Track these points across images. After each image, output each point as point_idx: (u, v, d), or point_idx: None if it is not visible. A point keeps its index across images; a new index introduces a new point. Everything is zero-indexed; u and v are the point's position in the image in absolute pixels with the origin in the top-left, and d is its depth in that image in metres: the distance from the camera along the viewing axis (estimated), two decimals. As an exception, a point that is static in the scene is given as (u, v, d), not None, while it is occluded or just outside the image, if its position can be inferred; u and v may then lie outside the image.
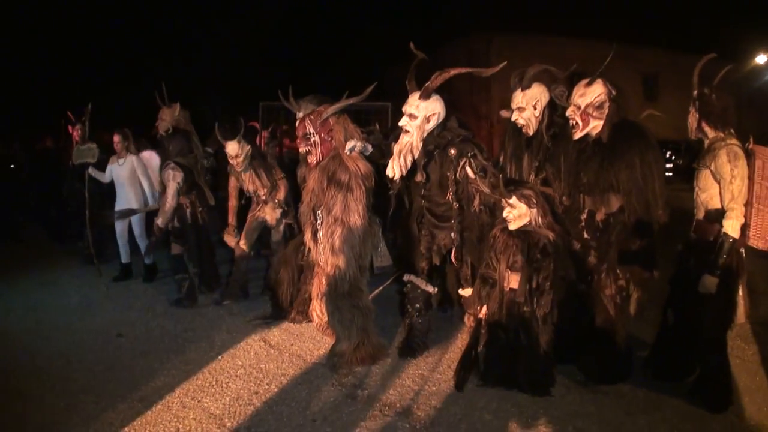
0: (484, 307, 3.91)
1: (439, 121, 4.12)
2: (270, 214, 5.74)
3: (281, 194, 5.75)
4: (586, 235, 3.94)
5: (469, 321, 4.66)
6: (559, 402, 3.73)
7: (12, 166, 8.47)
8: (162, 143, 5.94)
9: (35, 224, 9.56)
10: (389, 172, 4.10)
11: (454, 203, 4.17)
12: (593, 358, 4.01)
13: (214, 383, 4.03)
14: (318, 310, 4.75)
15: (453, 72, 3.99)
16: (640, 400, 3.77)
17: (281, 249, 5.82)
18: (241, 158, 5.53)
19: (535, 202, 3.72)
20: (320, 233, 4.33)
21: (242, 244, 5.77)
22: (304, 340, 4.83)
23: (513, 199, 3.73)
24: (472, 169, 4.07)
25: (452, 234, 4.25)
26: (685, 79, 3.74)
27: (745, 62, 11.52)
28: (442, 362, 4.37)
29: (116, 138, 6.58)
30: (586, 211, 3.94)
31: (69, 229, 8.13)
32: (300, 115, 4.98)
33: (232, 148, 5.50)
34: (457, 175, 4.10)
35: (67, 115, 7.29)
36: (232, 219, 5.92)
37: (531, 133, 4.32)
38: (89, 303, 5.97)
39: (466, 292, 4.48)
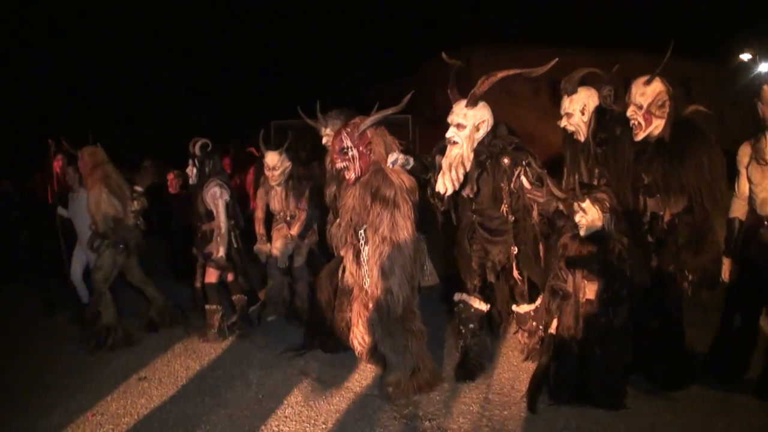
0: (554, 321, 3.64)
1: (488, 129, 3.87)
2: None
3: (296, 228, 5.43)
4: (650, 239, 3.74)
5: (523, 338, 4.36)
6: (636, 414, 3.54)
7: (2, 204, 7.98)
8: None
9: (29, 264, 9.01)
10: (439, 187, 3.85)
11: (510, 216, 3.92)
12: (662, 365, 3.82)
13: (263, 428, 3.63)
14: (359, 337, 4.39)
15: (500, 75, 3.75)
16: (712, 403, 3.63)
17: (304, 274, 5.45)
18: (278, 172, 5.28)
19: (608, 206, 3.48)
20: (364, 254, 4.01)
21: (280, 262, 5.45)
22: (347, 370, 4.46)
23: (586, 203, 3.48)
24: (527, 179, 3.82)
25: (511, 248, 3.98)
26: (669, 80, 3.67)
27: (731, 61, 11.60)
28: (503, 383, 4.08)
29: (69, 169, 5.78)
30: (648, 213, 3.76)
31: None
32: (327, 131, 4.71)
33: (271, 158, 5.27)
34: (512, 185, 3.85)
35: (47, 143, 6.44)
36: (260, 229, 5.60)
37: (582, 138, 4.18)
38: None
39: (522, 308, 4.20)
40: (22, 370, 4.87)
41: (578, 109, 4.14)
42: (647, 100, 3.65)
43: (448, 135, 3.83)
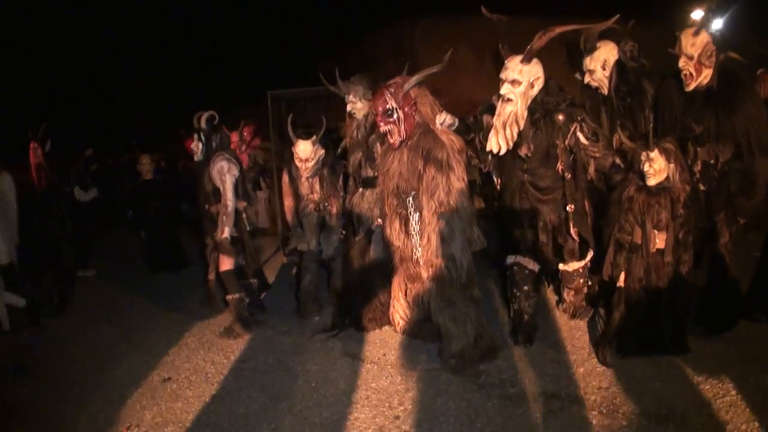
0: (622, 275, 3.55)
1: (542, 85, 3.70)
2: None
3: (334, 218, 4.87)
4: (702, 187, 3.74)
5: (569, 296, 4.27)
6: (702, 355, 3.57)
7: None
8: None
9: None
10: (492, 146, 3.68)
11: (567, 174, 3.77)
12: (716, 308, 3.87)
13: (339, 418, 3.32)
14: (401, 311, 4.16)
15: (558, 30, 3.55)
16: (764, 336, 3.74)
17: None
18: (311, 163, 4.68)
19: (674, 156, 3.41)
20: (414, 222, 3.75)
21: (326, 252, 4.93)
22: (391, 347, 4.21)
23: (654, 153, 3.39)
24: (584, 134, 3.69)
25: (567, 206, 3.83)
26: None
27: (682, 20, 11.91)
28: (562, 343, 4.00)
29: None
30: (699, 162, 3.75)
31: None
32: (350, 98, 4.37)
33: (303, 149, 4.63)
34: (567, 142, 3.70)
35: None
36: (294, 219, 4.97)
37: (606, 92, 4.20)
38: (109, 347, 4.85)
39: (571, 266, 4.10)
40: (19, 386, 4.24)
41: (599, 65, 4.16)
42: (697, 50, 3.62)
43: (502, 91, 3.63)
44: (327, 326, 4.62)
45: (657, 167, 3.41)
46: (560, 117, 3.67)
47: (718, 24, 13.31)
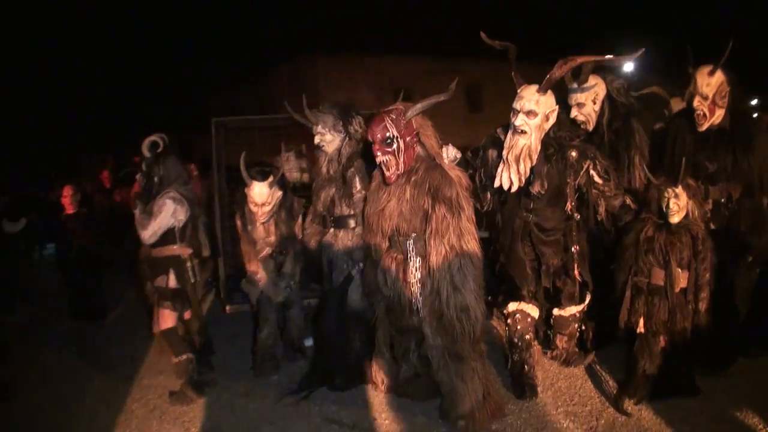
0: (641, 321, 3.38)
1: (555, 119, 3.44)
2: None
3: (291, 263, 4.29)
4: (713, 225, 3.67)
5: (561, 342, 4.01)
6: (712, 394, 3.49)
7: None
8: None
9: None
10: (503, 182, 3.40)
11: (576, 214, 3.53)
12: (719, 345, 3.73)
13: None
14: (386, 368, 3.70)
15: (579, 60, 3.36)
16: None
17: (297, 298, 4.42)
18: (268, 207, 4.00)
19: (693, 192, 3.31)
20: (414, 269, 3.30)
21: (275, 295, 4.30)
22: (379, 409, 3.63)
23: (679, 189, 3.25)
24: (597, 173, 3.48)
25: (573, 248, 3.59)
26: (507, 86, 3.61)
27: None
28: (568, 393, 3.68)
29: None
30: (710, 201, 3.69)
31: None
32: (318, 128, 3.88)
33: (259, 193, 3.93)
34: (578, 180, 3.48)
35: None
36: (252, 264, 4.24)
37: (591, 128, 4.03)
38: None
39: (567, 310, 3.85)
40: None
41: (591, 98, 3.99)
42: (712, 90, 3.59)
43: (517, 123, 3.32)
44: (293, 386, 3.96)
45: (682, 203, 3.27)
46: (573, 154, 3.44)
47: (629, 66, 14.39)
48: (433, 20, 15.60)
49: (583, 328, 3.99)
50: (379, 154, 3.27)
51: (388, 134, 3.23)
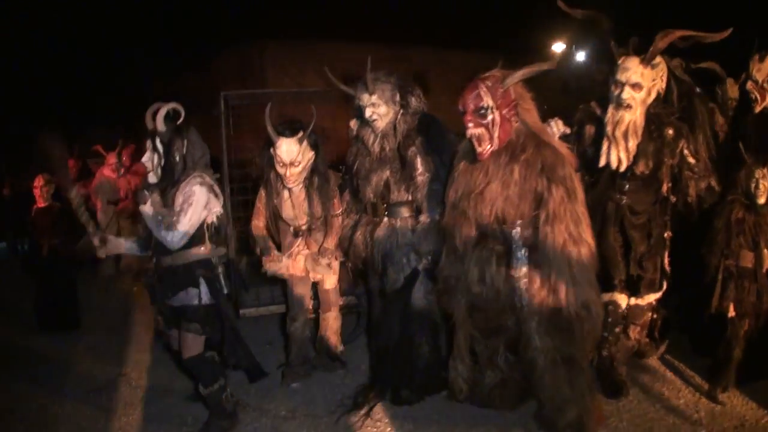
0: (731, 306, 3.21)
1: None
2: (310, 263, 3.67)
3: (333, 238, 3.62)
4: None
5: (634, 333, 3.64)
6: None
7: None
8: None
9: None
10: (611, 160, 3.05)
11: (672, 197, 3.24)
12: None
13: None
14: (465, 374, 3.18)
15: (678, 34, 3.05)
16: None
17: (335, 298, 3.78)
18: (299, 168, 3.38)
19: None
20: (520, 262, 2.85)
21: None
22: (466, 425, 3.11)
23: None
24: (689, 152, 3.19)
25: (666, 234, 3.30)
26: (454, 75, 3.48)
27: (542, 52, 12.47)
28: (659, 387, 3.41)
29: None
30: None
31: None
32: (372, 99, 3.29)
33: (288, 150, 3.33)
34: (674, 160, 3.18)
35: None
36: (268, 241, 3.67)
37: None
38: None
39: (645, 299, 3.49)
40: None
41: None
42: (762, 75, 3.55)
43: (624, 96, 2.98)
44: (347, 402, 3.36)
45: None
46: (670, 131, 3.13)
47: (581, 56, 14.51)
48: (382, 7, 15.04)
49: (654, 316, 3.65)
50: (470, 126, 2.79)
51: (482, 104, 2.76)
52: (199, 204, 2.89)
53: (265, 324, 4.63)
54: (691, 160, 3.19)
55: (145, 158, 2.94)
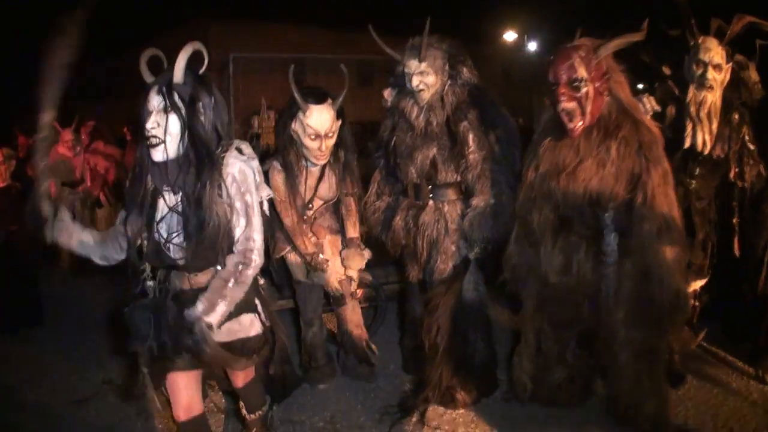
0: None
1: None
2: (330, 250, 3.16)
3: (356, 223, 3.14)
4: None
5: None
6: None
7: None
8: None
9: None
10: (697, 142, 2.89)
11: (739, 182, 3.10)
12: None
13: None
14: (530, 370, 2.84)
15: (749, 19, 2.90)
16: None
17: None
18: (333, 140, 2.89)
19: None
20: (609, 249, 2.57)
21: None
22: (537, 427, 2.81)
23: None
24: (748, 137, 3.07)
25: (734, 219, 3.13)
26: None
27: (494, 41, 12.33)
28: (710, 373, 3.28)
29: None
30: None
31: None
32: (423, 67, 2.87)
33: (320, 119, 2.81)
34: (737, 146, 3.06)
35: None
36: (307, 241, 3.01)
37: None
38: None
39: (692, 285, 3.29)
40: None
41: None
42: None
43: (708, 76, 2.82)
44: (389, 408, 2.94)
45: None
46: (735, 116, 3.01)
47: (533, 46, 14.47)
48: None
49: (696, 304, 3.48)
50: (563, 99, 2.44)
51: (576, 75, 2.44)
52: (251, 189, 2.01)
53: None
54: (751, 146, 3.06)
55: (150, 124, 1.89)
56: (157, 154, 1.90)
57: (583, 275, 2.58)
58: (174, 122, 1.90)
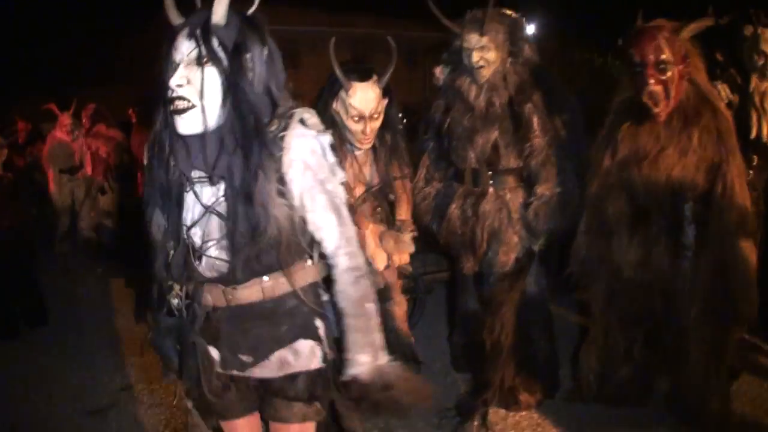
0: None
1: None
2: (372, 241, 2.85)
3: (407, 207, 2.80)
4: None
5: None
6: None
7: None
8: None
9: None
10: (765, 133, 2.83)
11: None
12: None
13: None
14: (597, 368, 2.64)
15: None
16: None
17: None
18: (379, 121, 2.51)
19: None
20: (687, 242, 2.37)
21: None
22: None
23: None
24: None
25: None
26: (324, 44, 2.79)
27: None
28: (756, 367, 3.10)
29: None
30: None
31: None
32: (484, 41, 2.59)
33: (365, 98, 2.42)
34: None
35: None
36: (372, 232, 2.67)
37: None
38: None
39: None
40: None
41: None
42: None
43: None
44: (445, 412, 2.72)
45: None
46: None
47: (531, 29, 14.15)
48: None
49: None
50: (651, 82, 2.22)
51: (662, 57, 2.23)
52: (337, 178, 1.48)
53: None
54: None
55: (177, 80, 1.32)
56: (186, 124, 1.32)
57: (661, 269, 2.40)
58: (212, 78, 1.32)
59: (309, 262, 1.47)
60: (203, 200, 1.39)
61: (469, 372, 3.00)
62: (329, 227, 1.41)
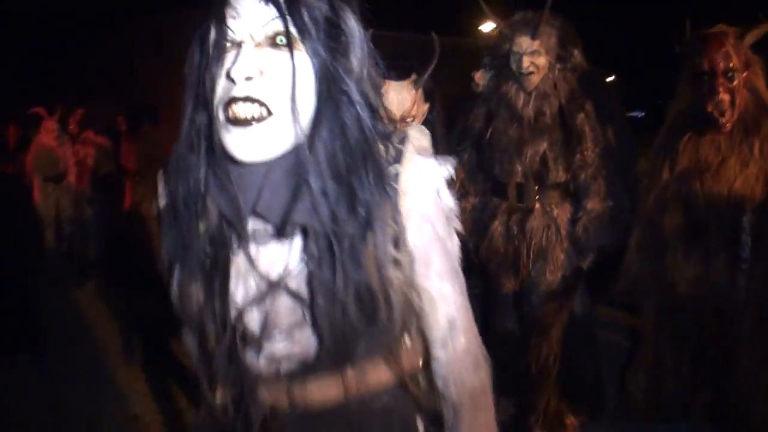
0: None
1: None
2: None
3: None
4: None
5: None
6: None
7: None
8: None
9: None
10: None
11: None
12: None
13: None
14: (645, 384, 2.55)
15: None
16: None
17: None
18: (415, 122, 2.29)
19: None
20: (744, 256, 2.31)
21: None
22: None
23: None
24: None
25: None
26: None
27: (471, 32, 11.90)
28: None
29: None
30: None
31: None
32: (535, 45, 2.46)
33: (399, 98, 2.15)
34: None
35: None
36: None
37: None
38: None
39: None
40: None
41: None
42: None
43: None
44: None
45: None
46: None
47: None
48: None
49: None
50: (720, 90, 2.15)
51: (731, 64, 2.18)
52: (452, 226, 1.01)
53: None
54: None
55: (243, 70, 0.78)
56: (253, 145, 0.80)
57: (718, 283, 2.33)
58: (303, 71, 0.82)
59: (408, 341, 0.97)
60: (262, 268, 0.87)
61: (505, 395, 2.84)
62: (446, 299, 0.96)
